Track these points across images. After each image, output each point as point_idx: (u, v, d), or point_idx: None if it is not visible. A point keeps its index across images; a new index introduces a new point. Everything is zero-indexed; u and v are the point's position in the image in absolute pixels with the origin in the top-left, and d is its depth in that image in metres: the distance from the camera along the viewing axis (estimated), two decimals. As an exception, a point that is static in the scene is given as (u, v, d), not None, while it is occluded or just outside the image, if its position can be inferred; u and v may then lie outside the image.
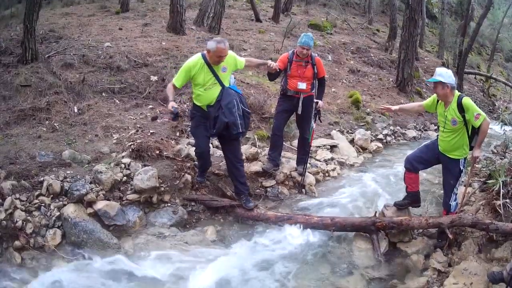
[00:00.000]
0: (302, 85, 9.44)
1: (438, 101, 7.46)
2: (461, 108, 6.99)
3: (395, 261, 7.55)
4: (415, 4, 18.75)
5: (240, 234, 8.09)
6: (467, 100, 6.98)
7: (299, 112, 9.64)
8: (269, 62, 8.71)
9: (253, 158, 10.03)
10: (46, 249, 6.95)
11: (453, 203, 7.56)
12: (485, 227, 6.91)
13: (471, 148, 7.35)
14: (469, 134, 7.20)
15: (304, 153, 10.09)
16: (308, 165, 10.19)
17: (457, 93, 7.17)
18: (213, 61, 7.81)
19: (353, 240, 7.95)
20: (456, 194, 7.62)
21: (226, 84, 8.03)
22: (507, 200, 7.36)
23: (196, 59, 7.89)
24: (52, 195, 7.46)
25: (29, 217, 7.03)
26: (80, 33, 15.34)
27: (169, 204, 8.29)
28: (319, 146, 12.16)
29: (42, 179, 7.63)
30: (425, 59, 27.00)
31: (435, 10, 40.56)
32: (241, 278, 6.81)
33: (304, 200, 9.61)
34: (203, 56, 7.85)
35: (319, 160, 11.34)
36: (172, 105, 7.64)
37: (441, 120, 7.41)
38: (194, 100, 8.24)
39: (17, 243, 6.74)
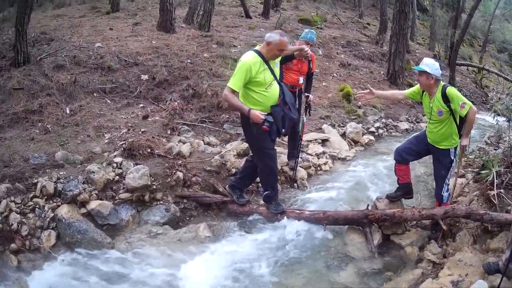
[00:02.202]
0: (301, 80, 9.58)
1: (423, 91, 7.46)
2: (446, 98, 6.99)
3: (389, 254, 7.53)
4: (404, -4, 18.82)
5: (233, 230, 8.07)
6: (451, 90, 7.00)
7: (300, 108, 9.70)
8: (304, 47, 8.49)
9: (244, 153, 9.96)
10: (42, 251, 6.98)
11: (445, 194, 7.54)
12: (479, 218, 6.90)
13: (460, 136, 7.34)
14: (457, 123, 7.20)
15: (295, 147, 10.09)
16: (299, 159, 10.17)
17: (441, 83, 7.18)
18: (271, 55, 7.37)
19: (346, 234, 7.89)
20: (448, 184, 7.58)
21: None
22: (502, 190, 7.40)
23: (252, 56, 7.29)
24: (46, 197, 7.52)
25: (24, 220, 7.07)
26: (71, 35, 15.40)
27: (161, 202, 8.28)
28: (310, 140, 12.13)
29: (36, 181, 7.70)
30: (417, 51, 27.09)
31: (426, 2, 40.78)
32: (234, 274, 6.82)
33: (296, 194, 9.61)
34: (258, 53, 7.34)
35: (310, 154, 11.31)
36: (258, 113, 7.14)
37: (427, 111, 7.45)
38: (252, 105, 7.34)
39: (13, 245, 6.76)
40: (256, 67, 7.19)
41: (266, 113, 7.20)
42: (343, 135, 13.41)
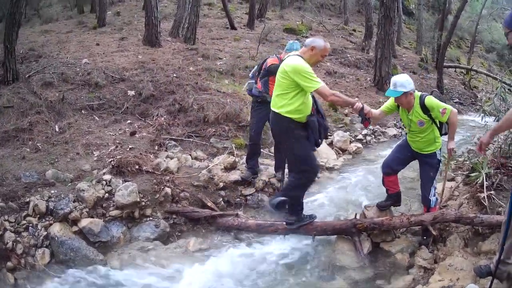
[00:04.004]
0: None
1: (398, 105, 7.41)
2: (425, 108, 7.02)
3: (380, 261, 7.53)
4: (389, 1, 18.92)
5: (222, 244, 8.13)
6: (429, 100, 6.99)
7: None
8: None
9: (231, 167, 10.05)
10: (37, 269, 7.06)
11: (432, 198, 7.49)
12: (469, 221, 6.94)
13: (443, 135, 7.40)
14: (438, 126, 7.25)
15: (282, 158, 9.77)
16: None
17: (417, 93, 7.17)
18: (314, 61, 7.15)
19: (335, 243, 7.87)
20: (435, 188, 7.57)
21: None
22: (492, 192, 7.40)
23: (304, 61, 6.99)
24: (38, 215, 7.62)
25: (18, 238, 7.17)
26: (58, 51, 15.58)
27: (151, 218, 8.35)
28: (297, 151, 12.13)
29: (28, 199, 7.81)
30: (403, 56, 27.28)
31: (411, 6, 40.88)
32: (224, 287, 6.90)
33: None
34: (302, 58, 7.05)
35: (297, 165, 11.31)
36: (363, 105, 7.05)
37: (406, 123, 7.44)
38: (293, 114, 7.11)
39: (9, 264, 6.85)
40: None
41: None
42: (331, 144, 13.35)
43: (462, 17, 28.67)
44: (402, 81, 7.03)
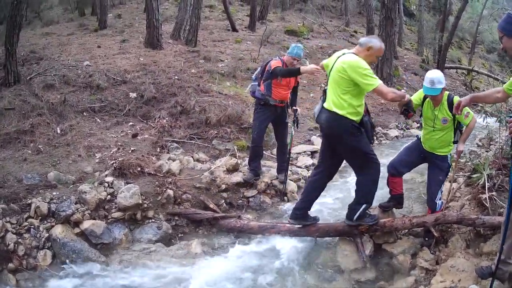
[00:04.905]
0: (288, 94, 9.50)
1: (424, 99, 7.34)
2: (451, 107, 6.93)
3: (382, 263, 7.49)
4: (390, 3, 18.95)
5: (225, 246, 8.12)
6: (457, 100, 6.83)
7: (286, 120, 9.72)
8: (313, 67, 8.18)
9: (234, 169, 10.02)
10: (39, 270, 7.08)
11: (438, 202, 7.45)
12: (471, 223, 6.89)
13: (454, 142, 7.37)
14: (454, 130, 7.27)
15: (284, 160, 10.03)
16: (289, 172, 10.16)
17: (446, 92, 7.14)
18: (368, 62, 6.81)
19: (338, 245, 7.79)
20: (442, 191, 7.54)
21: None
22: (494, 193, 7.36)
23: (361, 58, 6.73)
24: (40, 217, 7.62)
25: (20, 240, 7.17)
26: (60, 53, 15.57)
27: (153, 220, 8.37)
28: (299, 153, 12.13)
29: (29, 201, 7.81)
30: (405, 57, 27.22)
31: (412, 7, 40.84)
32: None
33: (287, 208, 9.52)
34: None
35: (300, 167, 11.34)
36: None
37: (430, 119, 7.31)
38: (353, 115, 6.88)
39: (11, 265, 6.87)
40: None
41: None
42: (333, 145, 13.26)
43: (463, 18, 28.64)
44: (439, 77, 6.88)
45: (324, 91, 7.25)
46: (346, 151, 7.35)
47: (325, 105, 7.08)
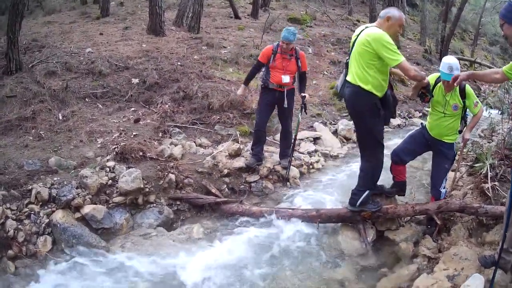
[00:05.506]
0: (286, 79, 9.39)
1: (436, 83, 7.26)
2: (463, 94, 7.04)
3: (384, 250, 7.53)
4: (394, -8, 18.84)
5: (226, 231, 8.10)
6: (468, 88, 7.05)
7: (286, 106, 9.63)
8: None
9: (236, 154, 10.02)
10: (38, 256, 7.03)
11: (443, 190, 7.47)
12: (474, 211, 6.89)
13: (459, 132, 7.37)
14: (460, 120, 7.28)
15: (287, 146, 10.09)
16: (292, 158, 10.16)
17: None
18: (392, 32, 6.64)
19: (340, 231, 7.82)
20: (446, 180, 7.56)
21: None
22: (496, 183, 7.40)
23: (384, 31, 6.54)
24: (41, 203, 7.57)
25: (20, 226, 7.11)
26: (62, 41, 15.55)
27: (154, 205, 8.36)
28: (302, 139, 12.11)
29: (30, 187, 7.74)
30: (407, 47, 27.05)
31: (415, -3, 40.67)
32: (228, 274, 6.84)
33: (289, 193, 9.59)
34: None
35: (302, 153, 11.32)
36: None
37: (441, 104, 7.23)
38: (377, 90, 6.73)
39: (10, 252, 6.81)
40: None
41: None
42: (335, 133, 13.36)
43: (465, 10, 28.56)
44: (457, 64, 6.79)
45: (346, 64, 7.11)
46: (362, 131, 7.30)
47: (348, 78, 6.96)
